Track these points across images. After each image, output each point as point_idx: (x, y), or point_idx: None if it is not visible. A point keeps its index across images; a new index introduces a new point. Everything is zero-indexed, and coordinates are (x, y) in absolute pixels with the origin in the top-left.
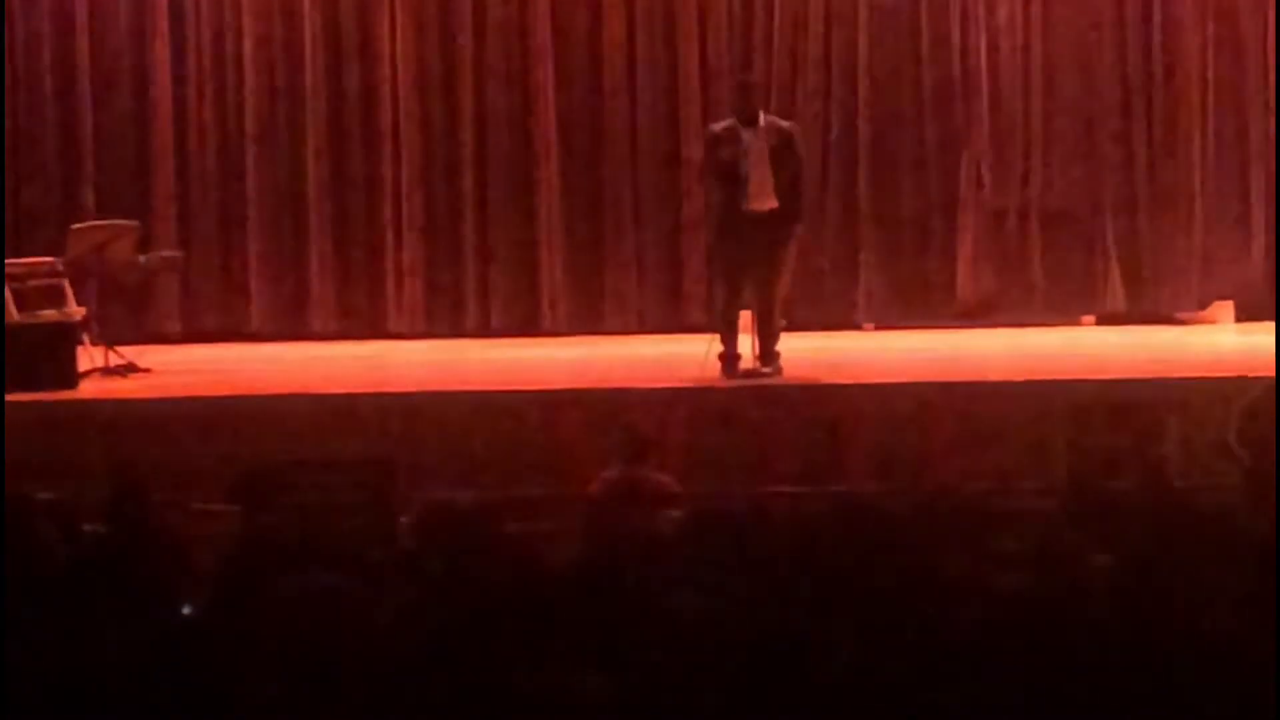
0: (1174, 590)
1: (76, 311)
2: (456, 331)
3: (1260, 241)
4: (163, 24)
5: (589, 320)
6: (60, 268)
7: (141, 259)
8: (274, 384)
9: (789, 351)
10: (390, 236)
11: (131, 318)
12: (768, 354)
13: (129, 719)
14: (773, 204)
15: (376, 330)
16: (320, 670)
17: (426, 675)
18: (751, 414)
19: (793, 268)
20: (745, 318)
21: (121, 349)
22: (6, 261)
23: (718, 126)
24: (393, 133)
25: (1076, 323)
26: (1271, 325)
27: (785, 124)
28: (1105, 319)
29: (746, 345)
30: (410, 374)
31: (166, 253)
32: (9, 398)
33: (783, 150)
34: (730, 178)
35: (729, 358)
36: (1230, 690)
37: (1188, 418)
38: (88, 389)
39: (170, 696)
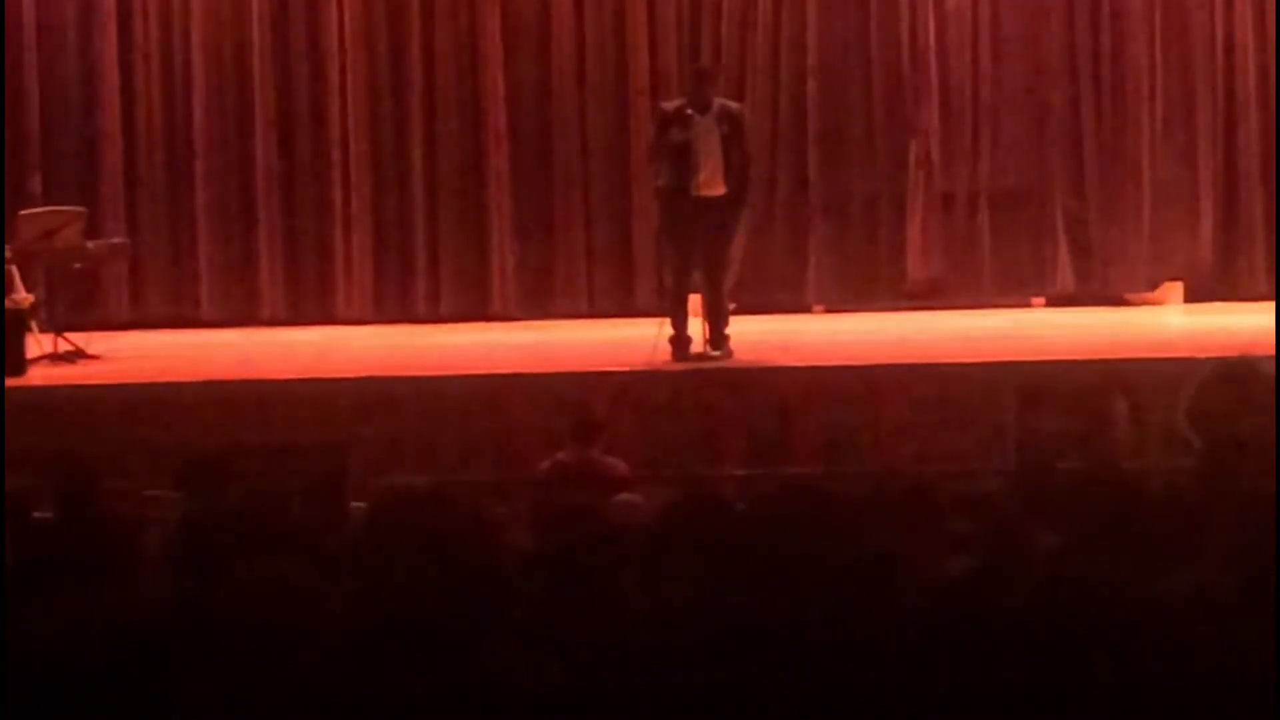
0: (1122, 571)
1: (25, 298)
2: (406, 317)
3: (1208, 223)
4: (110, 8)
5: (539, 304)
6: (8, 255)
7: (89, 245)
8: (223, 370)
9: (739, 335)
10: (339, 222)
11: (80, 304)
12: (717, 337)
13: (79, 706)
14: (722, 189)
15: (326, 316)
16: (272, 657)
17: (379, 662)
18: (701, 397)
19: (740, 251)
20: (694, 301)
21: (70, 335)
22: None
23: (669, 106)
24: (340, 118)
25: (1026, 305)
26: (1220, 306)
27: (735, 106)
28: (1054, 301)
29: (696, 328)
30: (361, 359)
31: (115, 239)
32: None
33: (733, 134)
34: (681, 161)
35: (679, 341)
36: (1177, 669)
37: (1137, 399)
38: (36, 376)
39: (120, 683)
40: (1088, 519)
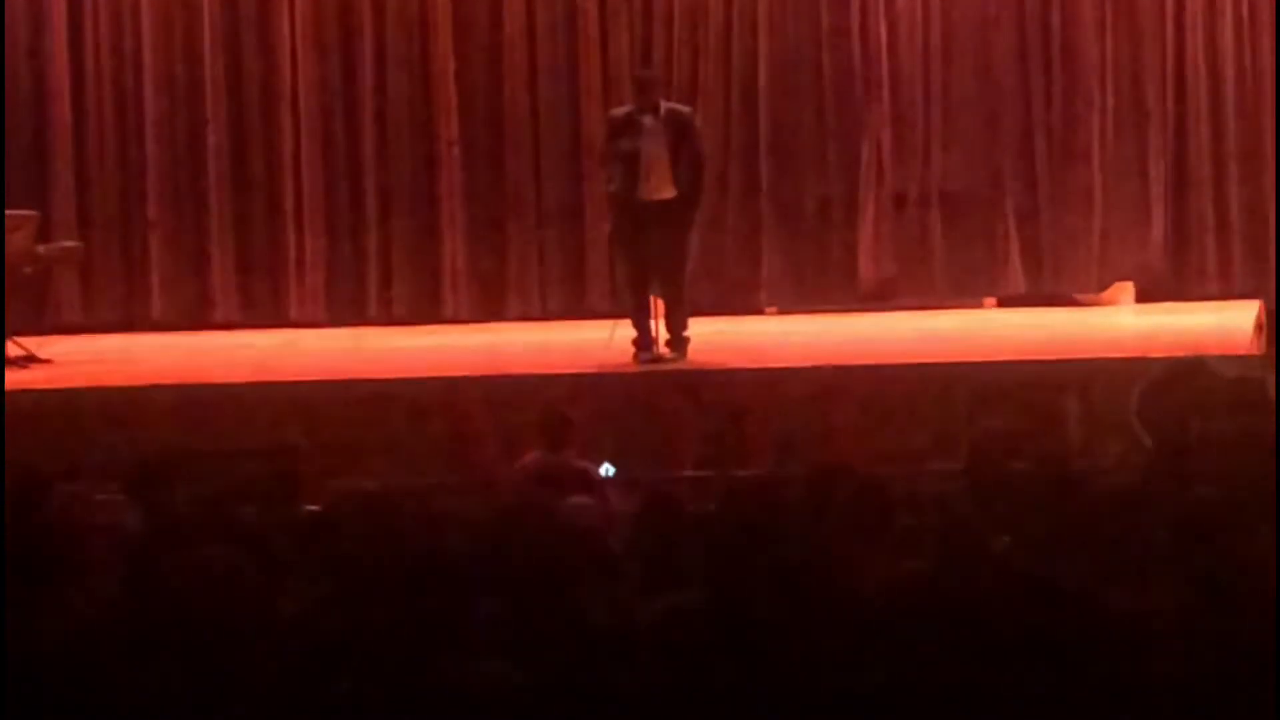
0: (1073, 570)
1: None
2: (359, 319)
3: (1159, 223)
4: (60, 11)
5: (491, 307)
6: None
7: (41, 249)
8: (176, 374)
9: (690, 336)
10: (291, 224)
11: (31, 308)
12: (677, 340)
13: (30, 710)
14: (670, 192)
15: (278, 319)
16: (224, 661)
17: (332, 666)
18: (654, 399)
19: (693, 253)
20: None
21: (21, 340)
22: None
23: (618, 112)
24: (293, 121)
25: (977, 305)
26: (1171, 306)
27: (684, 110)
28: (1006, 301)
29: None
30: (313, 362)
31: (66, 243)
32: None
33: (681, 137)
34: (630, 166)
35: (643, 342)
36: (1128, 668)
37: (1088, 399)
38: None
39: (72, 687)
40: (1039, 518)
